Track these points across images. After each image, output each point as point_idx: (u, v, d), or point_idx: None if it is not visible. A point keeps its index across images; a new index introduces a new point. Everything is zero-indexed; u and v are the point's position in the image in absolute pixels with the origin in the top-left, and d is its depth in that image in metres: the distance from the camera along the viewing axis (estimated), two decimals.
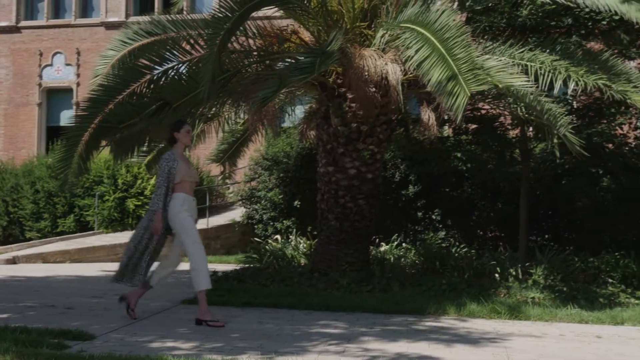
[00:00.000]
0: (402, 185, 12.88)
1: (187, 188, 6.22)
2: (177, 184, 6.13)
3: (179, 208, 6.12)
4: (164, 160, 6.16)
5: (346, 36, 7.95)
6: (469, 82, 6.20)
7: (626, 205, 11.16)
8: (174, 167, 6.10)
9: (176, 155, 6.21)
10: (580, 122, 9.55)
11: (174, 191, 6.14)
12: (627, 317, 6.98)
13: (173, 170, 6.09)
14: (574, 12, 9.35)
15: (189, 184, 6.24)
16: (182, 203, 6.14)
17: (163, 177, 6.08)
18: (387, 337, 5.85)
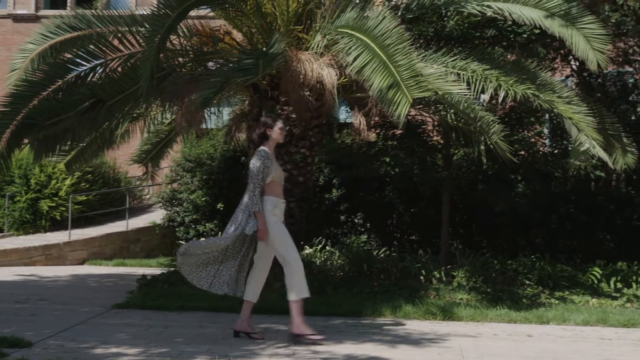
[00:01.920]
0: (326, 189, 12.98)
1: (277, 190, 5.84)
2: (267, 184, 5.71)
3: (269, 212, 5.70)
4: (259, 158, 5.69)
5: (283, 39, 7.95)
6: (410, 89, 6.33)
7: (539, 210, 11.70)
8: (268, 166, 5.70)
9: (269, 154, 5.81)
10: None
11: (263, 193, 5.69)
12: (551, 316, 7.33)
13: (267, 169, 5.68)
14: (498, 24, 9.77)
15: (279, 185, 5.88)
16: (273, 207, 5.75)
17: (259, 177, 5.62)
18: (332, 339, 5.89)
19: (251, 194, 5.63)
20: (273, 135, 5.90)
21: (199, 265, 5.74)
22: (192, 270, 5.78)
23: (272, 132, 5.89)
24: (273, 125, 5.91)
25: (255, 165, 5.67)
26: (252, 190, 5.63)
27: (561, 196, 11.67)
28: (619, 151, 8.38)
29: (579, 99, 7.88)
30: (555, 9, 7.96)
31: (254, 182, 5.63)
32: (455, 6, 8.84)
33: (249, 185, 5.67)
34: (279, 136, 5.94)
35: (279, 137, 5.95)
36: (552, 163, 11.66)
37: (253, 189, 5.62)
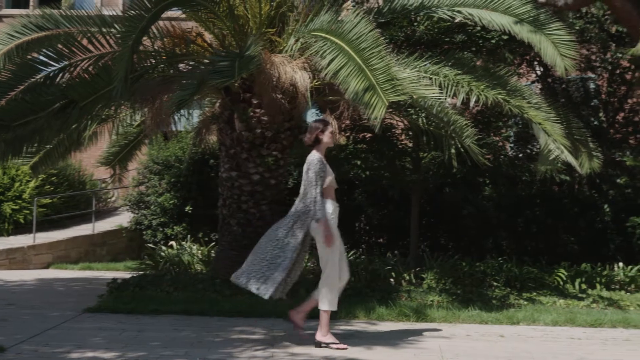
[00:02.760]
0: (295, 192, 12.95)
1: (332, 194, 5.74)
2: (324, 189, 5.63)
3: (329, 216, 5.65)
4: (315, 162, 5.59)
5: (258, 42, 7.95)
6: (386, 92, 6.38)
7: (506, 213, 11.91)
8: (323, 170, 5.61)
9: (323, 159, 5.71)
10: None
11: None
12: (521, 317, 7.46)
13: (323, 174, 5.59)
14: (467, 29, 9.93)
15: (333, 189, 5.76)
16: (332, 212, 5.69)
17: (319, 181, 5.52)
18: (309, 341, 5.90)
19: (312, 201, 5.54)
20: (325, 140, 5.81)
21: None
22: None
23: (323, 136, 5.79)
24: (325, 130, 5.82)
25: (311, 170, 5.59)
26: (314, 197, 5.53)
27: (527, 199, 11.90)
28: (584, 156, 8.57)
29: (547, 104, 8.05)
30: (524, 15, 8.10)
31: (314, 187, 5.54)
32: (425, 11, 8.94)
33: (309, 192, 5.56)
34: (331, 140, 5.87)
35: (331, 142, 5.88)
36: (518, 167, 11.88)
37: (315, 195, 5.53)
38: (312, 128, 5.84)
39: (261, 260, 5.64)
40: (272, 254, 5.63)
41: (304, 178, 5.64)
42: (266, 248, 5.65)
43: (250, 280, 5.64)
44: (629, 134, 12.23)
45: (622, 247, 11.53)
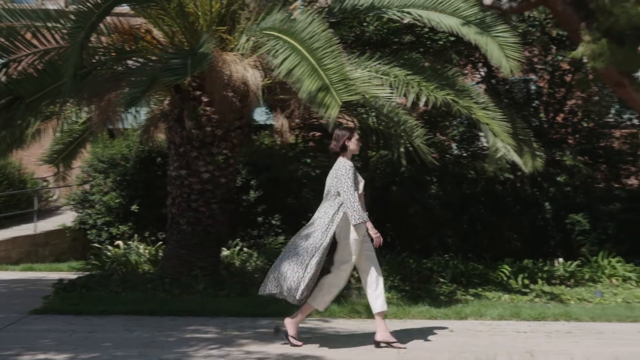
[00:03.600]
0: (244, 191, 12.95)
1: (362, 200, 5.75)
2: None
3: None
4: (348, 169, 5.64)
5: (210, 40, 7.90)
6: (340, 92, 6.44)
7: (451, 211, 12.16)
8: (356, 176, 5.67)
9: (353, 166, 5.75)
10: None
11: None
12: (469, 312, 7.64)
13: (356, 180, 5.65)
14: (415, 30, 10.11)
15: (362, 196, 5.78)
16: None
17: (352, 188, 5.54)
18: (263, 339, 5.93)
19: (350, 204, 5.51)
20: (351, 147, 5.89)
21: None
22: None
23: (350, 144, 5.88)
24: (352, 137, 5.90)
25: (344, 175, 5.61)
26: (351, 201, 5.51)
27: (472, 197, 12.18)
28: (528, 155, 8.83)
29: (494, 105, 8.26)
30: (471, 17, 8.30)
31: (349, 191, 5.54)
32: (376, 12, 9.05)
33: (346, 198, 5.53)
34: (356, 147, 5.95)
35: (356, 149, 5.96)
36: (463, 165, 12.14)
37: (351, 199, 5.51)
38: (339, 136, 5.92)
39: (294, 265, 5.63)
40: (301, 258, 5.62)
41: (332, 183, 5.70)
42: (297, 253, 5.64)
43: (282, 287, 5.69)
44: (568, 134, 12.65)
45: (562, 243, 11.92)
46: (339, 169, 5.67)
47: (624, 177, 12.62)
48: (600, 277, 10.15)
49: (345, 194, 5.53)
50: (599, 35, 8.45)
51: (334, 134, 5.98)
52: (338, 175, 5.64)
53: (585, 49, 8.65)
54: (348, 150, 5.87)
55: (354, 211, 5.47)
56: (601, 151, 12.52)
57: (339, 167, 5.71)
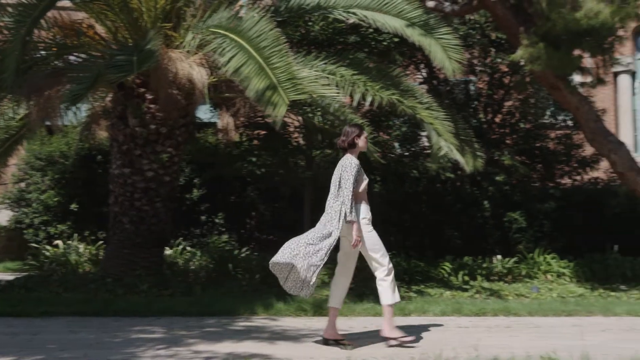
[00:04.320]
0: (186, 189, 12.83)
1: (365, 197, 5.74)
2: (359, 192, 5.64)
3: (366, 219, 5.69)
4: (352, 166, 5.59)
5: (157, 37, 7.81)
6: (287, 91, 6.49)
7: (394, 209, 12.34)
8: (360, 174, 5.63)
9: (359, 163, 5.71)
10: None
11: (355, 201, 5.58)
12: (412, 308, 7.79)
13: (359, 177, 5.61)
14: (360, 31, 10.21)
15: (366, 193, 5.77)
16: (367, 214, 5.72)
17: (352, 187, 5.50)
18: (210, 338, 5.90)
19: (344, 203, 5.52)
20: (360, 144, 5.86)
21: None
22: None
23: (359, 141, 5.85)
24: (361, 134, 5.88)
25: (347, 173, 5.59)
26: (346, 199, 5.51)
27: (414, 196, 12.39)
28: (469, 155, 9.05)
29: (437, 105, 8.44)
30: (415, 19, 8.46)
31: (347, 190, 5.53)
32: (321, 12, 9.12)
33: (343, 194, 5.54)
34: (365, 145, 5.96)
35: (365, 146, 5.98)
36: (406, 165, 12.34)
37: (347, 198, 5.51)
38: (348, 132, 5.88)
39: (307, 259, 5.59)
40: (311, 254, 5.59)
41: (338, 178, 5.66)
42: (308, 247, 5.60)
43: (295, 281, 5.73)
44: (506, 134, 13.01)
45: (500, 240, 12.26)
46: (346, 165, 5.66)
47: (558, 176, 13.07)
48: (537, 273, 10.50)
49: (346, 190, 5.53)
50: (536, 40, 8.75)
51: (343, 130, 5.98)
52: (343, 171, 5.65)
53: (524, 52, 8.95)
54: (357, 147, 5.86)
55: (346, 208, 5.50)
56: (537, 151, 12.93)
57: (345, 163, 5.69)
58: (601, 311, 7.77)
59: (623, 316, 7.58)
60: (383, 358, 5.04)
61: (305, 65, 8.17)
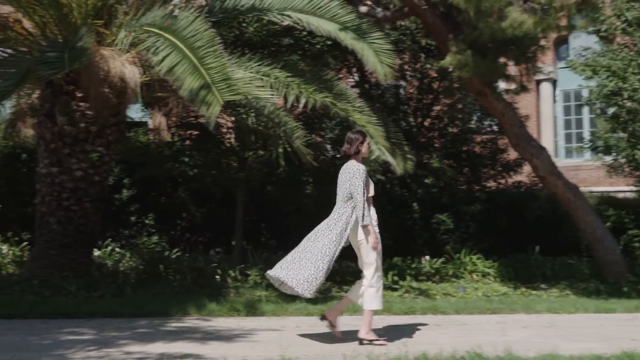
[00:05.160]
0: (116, 189, 12.61)
1: (371, 202, 5.92)
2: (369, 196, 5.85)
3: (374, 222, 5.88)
4: (360, 172, 5.79)
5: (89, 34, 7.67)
6: (222, 91, 6.51)
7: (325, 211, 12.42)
8: (367, 179, 5.82)
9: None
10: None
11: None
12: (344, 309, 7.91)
13: (366, 182, 5.80)
14: (294, 33, 10.30)
15: (370, 198, 5.92)
16: (374, 218, 5.90)
17: (363, 192, 5.73)
18: (142, 339, 5.86)
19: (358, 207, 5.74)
20: (363, 150, 6.04)
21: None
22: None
23: (362, 147, 6.01)
24: (364, 141, 6.06)
25: (356, 178, 5.77)
26: (359, 203, 5.74)
27: None
28: (400, 157, 9.28)
29: (369, 108, 8.61)
30: (349, 23, 8.62)
31: (359, 195, 5.74)
32: (256, 13, 9.16)
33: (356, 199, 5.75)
34: (367, 151, 6.16)
35: (367, 152, 6.17)
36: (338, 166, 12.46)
37: (359, 202, 5.74)
38: (353, 139, 6.04)
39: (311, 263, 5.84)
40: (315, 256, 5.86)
41: (345, 185, 5.86)
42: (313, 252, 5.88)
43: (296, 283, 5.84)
44: (434, 138, 13.36)
45: (428, 241, 12.57)
46: (354, 172, 5.84)
47: (484, 180, 13.51)
48: (463, 273, 10.82)
49: (358, 195, 5.74)
50: (464, 47, 9.06)
51: (346, 137, 6.14)
52: (352, 178, 5.82)
53: (452, 59, 9.24)
54: (361, 153, 6.04)
55: (360, 213, 5.73)
56: (464, 155, 13.33)
57: (352, 169, 5.87)
58: (523, 309, 8.11)
59: (543, 313, 7.94)
60: (315, 355, 5.12)
61: (240, 66, 8.19)
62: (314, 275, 5.78)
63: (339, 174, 6.00)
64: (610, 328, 7.07)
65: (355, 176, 5.79)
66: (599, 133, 13.17)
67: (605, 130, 12.90)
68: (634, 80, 12.07)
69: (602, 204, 13.42)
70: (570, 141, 19.14)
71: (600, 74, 12.62)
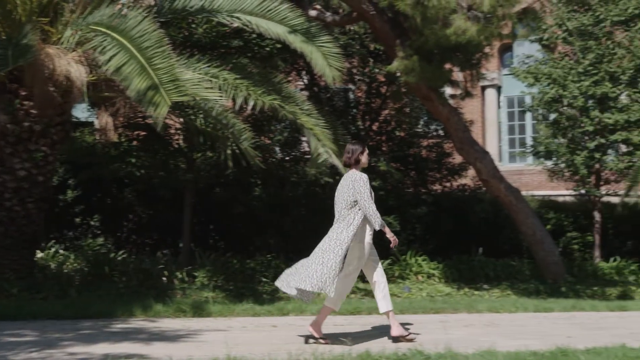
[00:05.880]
0: (60, 190, 12.39)
1: None
2: None
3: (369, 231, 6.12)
4: (364, 180, 6.04)
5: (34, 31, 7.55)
6: (170, 92, 6.51)
7: (274, 213, 12.53)
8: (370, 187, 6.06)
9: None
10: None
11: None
12: (291, 308, 8.00)
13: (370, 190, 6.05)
14: (244, 35, 10.33)
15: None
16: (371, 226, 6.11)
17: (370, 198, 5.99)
18: (86, 340, 5.82)
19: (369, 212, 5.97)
20: (363, 160, 6.25)
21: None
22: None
23: (362, 157, 6.23)
24: (364, 151, 6.27)
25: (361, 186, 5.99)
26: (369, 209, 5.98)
27: (294, 199, 12.63)
28: None
29: (317, 111, 8.72)
30: (298, 26, 8.71)
31: (367, 201, 5.98)
32: (205, 14, 9.16)
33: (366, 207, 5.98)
34: (367, 160, 6.34)
35: (367, 162, 6.33)
36: (287, 169, 12.57)
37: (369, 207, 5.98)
38: (353, 150, 6.25)
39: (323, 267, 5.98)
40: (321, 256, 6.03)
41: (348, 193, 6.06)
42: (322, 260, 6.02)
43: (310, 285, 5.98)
44: (382, 141, 13.55)
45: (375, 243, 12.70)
46: (357, 181, 6.05)
47: (430, 183, 13.77)
48: (409, 274, 11.02)
49: (366, 202, 5.98)
50: (411, 53, 9.25)
51: (346, 148, 6.36)
52: (356, 186, 6.03)
53: (399, 64, 9.43)
54: (361, 163, 6.26)
55: (376, 218, 6.00)
56: (411, 158, 13.56)
57: (356, 179, 6.08)
58: (466, 308, 8.33)
59: (484, 312, 8.17)
60: (261, 354, 5.18)
61: (189, 67, 8.19)
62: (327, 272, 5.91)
63: (340, 184, 6.22)
64: (548, 326, 7.33)
65: (360, 184, 6.03)
66: (540, 138, 13.60)
67: (546, 136, 13.34)
68: (573, 88, 12.53)
69: (543, 207, 13.86)
70: (514, 146, 19.59)
71: (542, 81, 13.07)
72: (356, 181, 6.05)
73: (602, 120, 12.50)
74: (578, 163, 12.62)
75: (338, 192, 6.21)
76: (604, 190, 13.22)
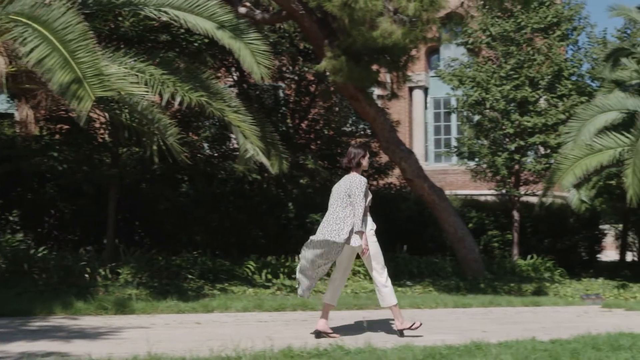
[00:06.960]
0: None
1: (368, 211, 6.25)
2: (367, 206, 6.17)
3: (372, 231, 6.24)
4: (361, 184, 6.14)
5: None
6: (94, 87, 6.40)
7: (201, 209, 12.47)
8: (366, 190, 6.14)
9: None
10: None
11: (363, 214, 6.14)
12: (215, 305, 8.00)
13: (366, 193, 6.14)
14: (172, 30, 10.23)
15: (367, 208, 6.24)
16: (373, 225, 6.26)
17: (364, 202, 6.08)
18: (1, 339, 5.66)
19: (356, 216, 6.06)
20: (364, 164, 6.39)
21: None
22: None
23: (363, 161, 6.36)
24: (365, 155, 6.40)
25: (357, 189, 6.10)
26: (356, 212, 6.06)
27: (222, 196, 12.61)
28: (275, 158, 9.46)
29: (245, 108, 8.73)
30: (226, 23, 8.68)
31: (358, 205, 6.07)
32: (132, 7, 9.01)
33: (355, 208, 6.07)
34: (367, 164, 6.51)
35: (367, 165, 6.52)
36: (214, 165, 12.53)
37: (357, 211, 6.06)
38: (355, 154, 6.37)
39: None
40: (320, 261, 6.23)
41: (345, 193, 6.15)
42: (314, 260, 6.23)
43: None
44: (311, 140, 13.69)
45: (302, 240, 12.74)
46: (357, 183, 6.17)
47: None
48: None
49: (357, 204, 6.09)
50: (339, 53, 9.39)
51: (348, 151, 6.46)
52: (353, 187, 6.16)
53: (327, 63, 9.56)
54: (361, 166, 6.39)
55: (358, 221, 6.07)
56: (339, 157, 13.74)
57: (354, 180, 6.21)
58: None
59: (406, 308, 8.34)
60: (183, 351, 5.17)
61: (114, 61, 8.04)
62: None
63: (339, 184, 6.32)
64: (466, 321, 7.60)
65: (357, 187, 6.15)
66: (463, 139, 14.03)
67: (469, 137, 13.77)
68: (495, 91, 12.99)
69: (466, 206, 14.30)
70: (440, 146, 20.11)
71: (466, 84, 13.48)
72: (354, 183, 6.20)
73: (522, 123, 13.01)
74: (499, 164, 13.08)
75: (334, 191, 6.30)
76: (523, 190, 13.76)
